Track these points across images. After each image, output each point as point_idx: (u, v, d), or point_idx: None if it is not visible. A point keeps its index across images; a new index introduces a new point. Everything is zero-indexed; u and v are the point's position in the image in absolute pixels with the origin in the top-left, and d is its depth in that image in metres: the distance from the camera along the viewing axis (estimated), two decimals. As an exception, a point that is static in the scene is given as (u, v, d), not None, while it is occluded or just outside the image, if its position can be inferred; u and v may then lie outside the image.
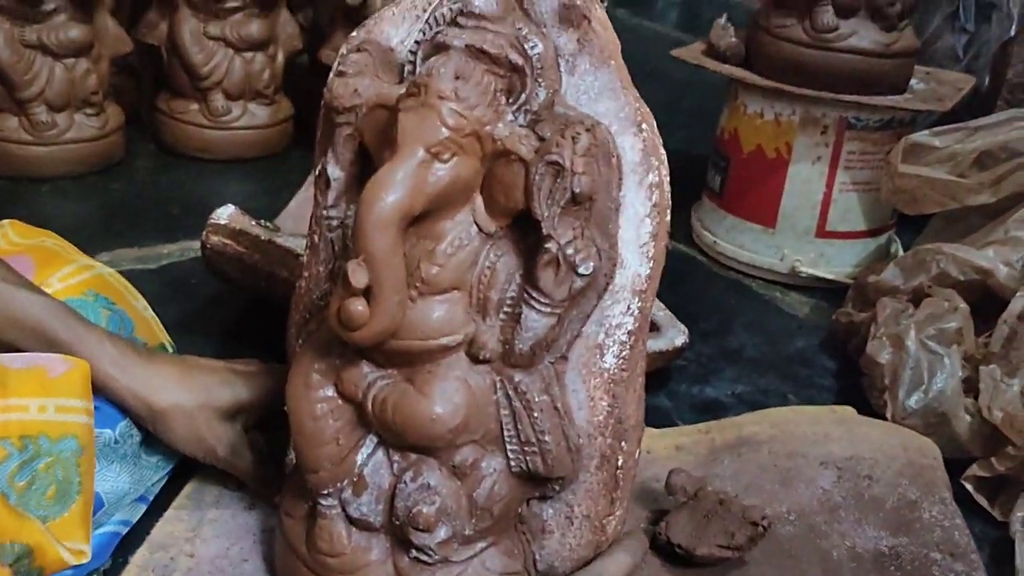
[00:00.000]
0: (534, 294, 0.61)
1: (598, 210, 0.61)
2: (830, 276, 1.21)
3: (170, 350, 0.85)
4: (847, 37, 1.14)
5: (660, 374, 1.00)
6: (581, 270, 0.61)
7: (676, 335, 0.99)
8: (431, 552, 0.64)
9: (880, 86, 1.16)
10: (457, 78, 0.59)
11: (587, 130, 0.60)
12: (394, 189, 0.57)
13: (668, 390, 1.01)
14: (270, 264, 0.93)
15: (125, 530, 0.75)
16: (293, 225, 1.02)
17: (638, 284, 0.64)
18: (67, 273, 0.81)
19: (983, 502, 0.87)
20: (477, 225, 0.62)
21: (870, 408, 0.96)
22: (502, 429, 0.64)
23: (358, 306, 0.58)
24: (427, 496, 0.63)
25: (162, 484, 0.79)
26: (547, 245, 0.60)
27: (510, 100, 0.61)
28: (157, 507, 0.77)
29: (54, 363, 0.70)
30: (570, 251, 0.60)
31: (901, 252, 1.25)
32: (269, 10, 1.39)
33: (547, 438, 0.63)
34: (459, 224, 0.62)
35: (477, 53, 0.60)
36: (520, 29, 0.61)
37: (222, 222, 0.94)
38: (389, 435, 0.64)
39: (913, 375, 0.92)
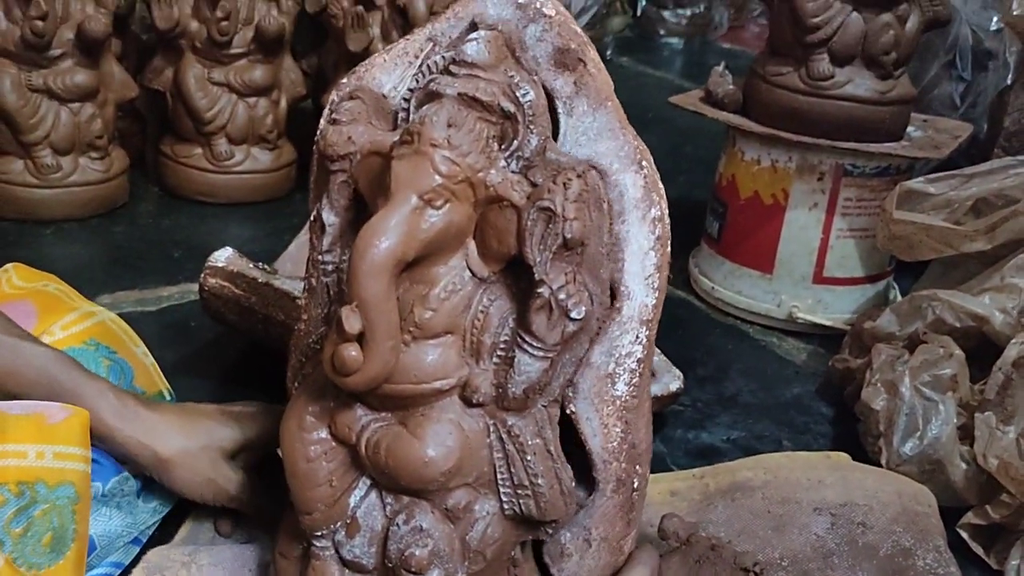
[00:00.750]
0: (527, 338, 0.62)
1: (590, 255, 0.62)
2: (827, 322, 1.22)
3: (168, 397, 0.85)
4: (843, 85, 1.15)
5: (655, 419, 0.99)
6: (573, 314, 0.61)
7: (672, 380, 1.00)
8: (423, 595, 0.64)
9: (876, 133, 1.17)
10: (450, 126, 0.60)
11: (578, 176, 0.61)
12: (387, 236, 0.58)
13: (663, 435, 1.01)
14: (267, 307, 0.94)
15: (117, 572, 0.75)
16: (292, 268, 1.03)
17: (645, 314, 0.66)
18: (69, 321, 0.82)
19: (979, 550, 0.87)
20: (470, 270, 0.63)
21: (865, 455, 0.96)
22: (495, 472, 0.64)
23: (351, 351, 0.58)
24: (420, 539, 0.63)
25: (156, 526, 0.80)
26: (539, 290, 0.60)
27: (503, 146, 0.62)
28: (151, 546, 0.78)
29: (53, 410, 0.71)
30: (562, 296, 0.61)
31: (899, 298, 1.25)
32: (273, 57, 1.41)
33: (540, 481, 0.64)
34: (452, 269, 0.63)
35: (470, 101, 0.61)
36: (512, 77, 0.62)
37: (220, 264, 0.95)
38: (382, 478, 0.64)
39: (908, 422, 0.92)
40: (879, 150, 1.16)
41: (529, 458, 0.63)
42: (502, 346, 0.63)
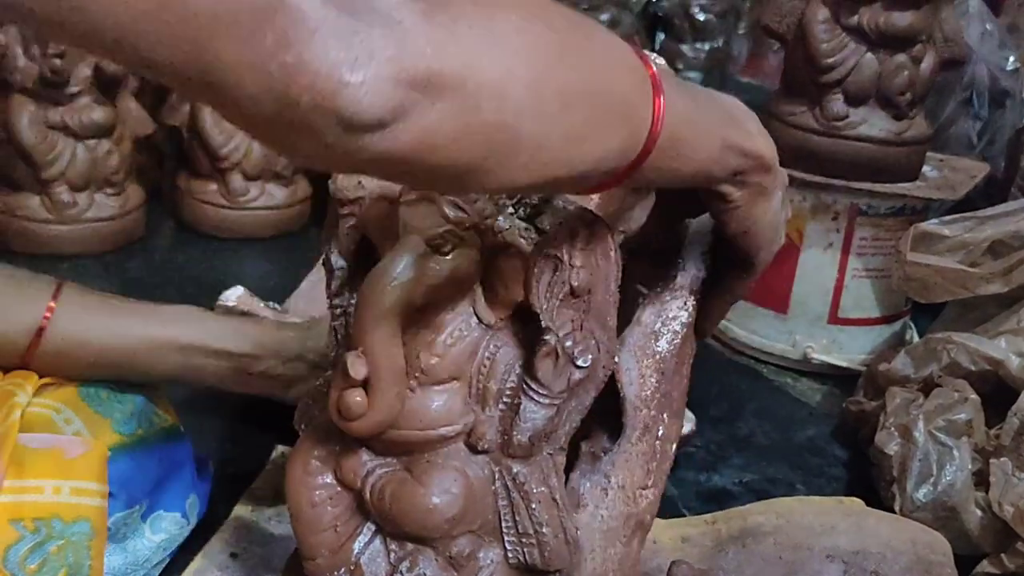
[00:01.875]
0: (533, 385, 0.61)
1: (597, 303, 0.62)
2: (843, 363, 1.21)
3: (181, 430, 0.85)
4: (857, 125, 1.15)
5: (667, 461, 1.00)
6: (580, 362, 0.61)
7: (684, 424, 0.99)
8: (427, 645, 0.63)
9: (891, 173, 1.16)
10: (458, 172, 0.60)
11: (586, 225, 0.61)
12: (394, 281, 0.58)
13: (675, 477, 1.00)
14: (278, 345, 0.94)
15: (124, 613, 0.75)
16: (304, 306, 1.04)
17: (695, 285, 0.70)
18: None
19: (994, 600, 0.86)
20: (477, 316, 0.63)
21: (879, 499, 0.95)
22: (500, 520, 0.63)
23: (356, 397, 0.58)
24: (423, 587, 0.63)
25: (163, 567, 0.79)
26: (546, 337, 0.60)
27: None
28: (159, 590, 0.78)
29: (72, 445, 0.72)
30: (568, 343, 0.60)
31: (916, 339, 1.25)
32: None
33: (545, 530, 0.63)
34: (459, 315, 0.62)
35: (478, 148, 0.61)
36: (521, 124, 0.63)
37: (230, 304, 0.95)
38: (387, 523, 0.64)
39: (922, 467, 0.91)
40: (893, 190, 1.15)
41: (534, 506, 0.63)
42: (508, 393, 0.62)
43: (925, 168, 1.22)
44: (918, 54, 1.16)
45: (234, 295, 0.96)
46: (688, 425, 0.99)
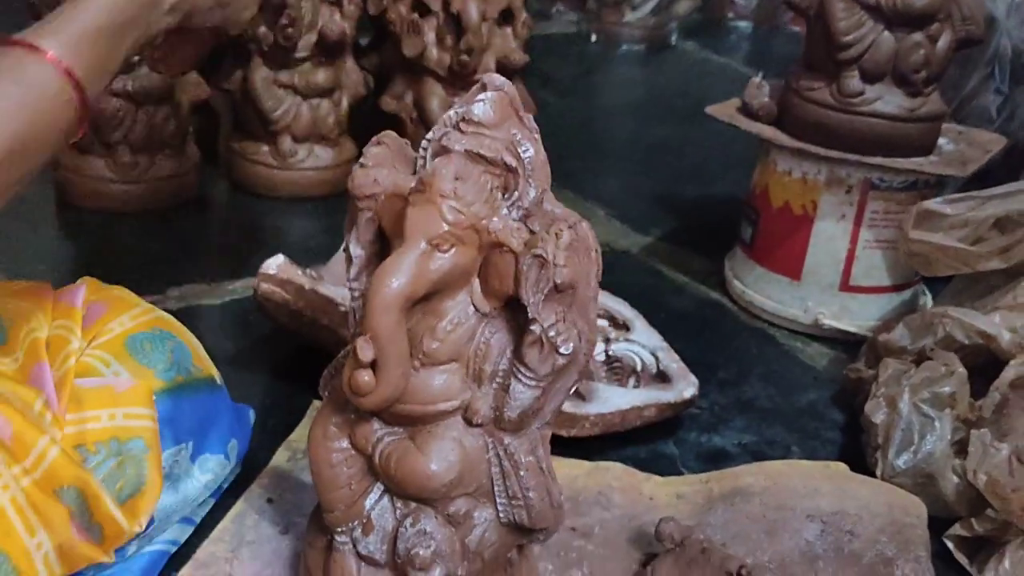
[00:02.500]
0: (521, 369, 0.69)
1: (579, 297, 0.69)
2: (852, 329, 1.27)
3: (218, 382, 0.94)
4: (872, 102, 1.19)
5: (670, 422, 1.07)
6: (562, 350, 0.68)
7: (686, 387, 1.06)
8: (428, 590, 0.73)
9: (905, 149, 1.21)
10: (457, 179, 0.67)
11: (570, 227, 0.67)
12: (398, 276, 0.66)
13: (677, 438, 1.08)
14: (313, 311, 1.03)
15: (173, 549, 0.85)
16: (342, 271, 1.12)
17: None
18: (136, 313, 0.91)
19: (963, 560, 0.93)
20: (474, 305, 0.70)
21: (866, 465, 1.01)
22: (493, 484, 0.72)
23: (365, 377, 0.67)
24: (424, 540, 0.72)
25: (208, 508, 0.90)
26: (532, 327, 0.68)
27: (505, 196, 0.70)
28: (204, 528, 0.88)
29: (120, 382, 0.82)
30: (552, 333, 0.68)
31: (931, 304, 1.30)
32: (335, 59, 1.49)
33: (531, 494, 0.71)
34: (458, 304, 0.70)
35: (475, 156, 0.68)
36: (515, 134, 0.69)
37: (271, 272, 1.04)
38: (392, 485, 0.73)
39: (903, 436, 0.98)
40: (905, 166, 1.20)
41: (523, 473, 0.71)
42: (500, 374, 0.70)
43: (942, 141, 1.26)
44: (935, 33, 1.19)
45: (275, 264, 1.05)
46: (690, 390, 1.07)
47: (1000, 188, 1.13)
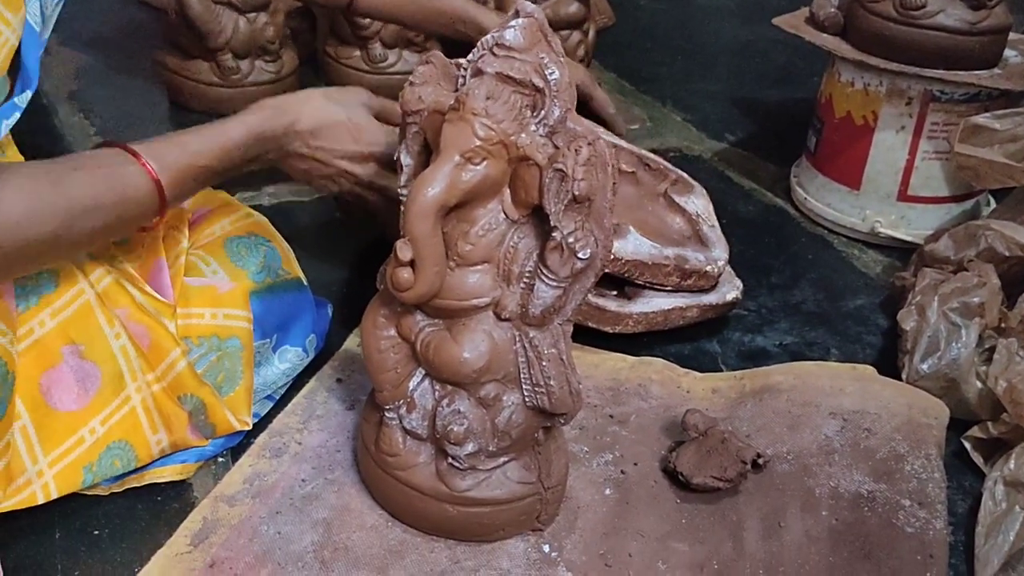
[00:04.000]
0: (544, 271, 0.77)
1: (596, 208, 0.76)
2: (909, 238, 1.30)
3: (304, 283, 1.04)
4: (934, 15, 1.21)
5: (716, 322, 1.14)
6: (580, 255, 0.76)
7: (729, 290, 1.13)
8: (461, 461, 0.83)
9: (967, 62, 1.22)
10: (488, 98, 0.75)
11: (588, 144, 0.75)
12: (434, 186, 0.74)
13: (721, 337, 1.15)
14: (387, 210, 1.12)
15: (255, 420, 0.97)
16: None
17: None
18: (236, 218, 1.02)
19: (979, 460, 0.98)
20: (504, 213, 0.78)
21: (897, 370, 1.07)
22: (519, 373, 0.81)
23: (404, 274, 0.76)
24: (458, 419, 0.82)
25: (287, 387, 1.01)
26: (554, 234, 0.76)
27: (533, 114, 0.77)
28: (282, 403, 0.99)
29: (222, 283, 0.94)
30: (571, 239, 0.76)
31: (990, 216, 1.32)
32: (422, -31, 1.56)
33: (552, 383, 0.80)
34: (490, 211, 0.79)
35: (505, 78, 0.76)
36: (543, 58, 0.76)
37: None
38: (431, 370, 0.82)
39: (930, 342, 1.02)
40: (965, 79, 1.21)
41: (544, 364, 0.80)
42: (527, 275, 0.79)
43: (1009, 53, 1.27)
44: (1003, -57, 1.19)
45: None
46: (733, 293, 1.13)
47: (1052, 103, 1.14)
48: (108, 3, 1.94)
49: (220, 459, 0.92)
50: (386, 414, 0.86)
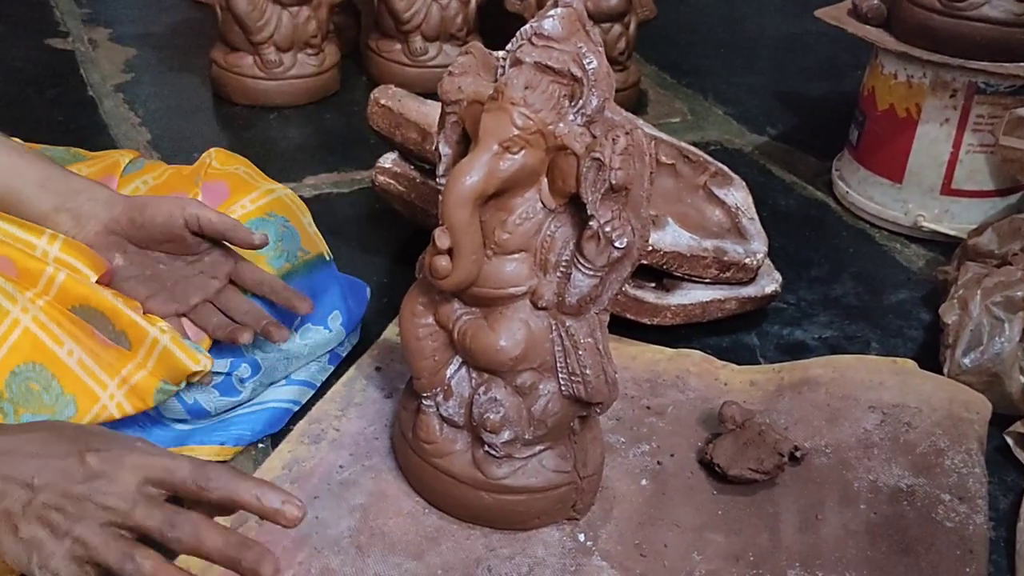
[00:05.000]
0: (580, 260, 0.77)
1: (633, 197, 0.76)
2: (952, 232, 1.29)
3: (328, 259, 1.03)
4: (979, 6, 1.19)
5: (755, 315, 1.14)
6: (617, 244, 0.76)
7: (768, 283, 1.12)
8: (498, 449, 0.83)
9: (1012, 53, 1.20)
10: (527, 88, 0.75)
11: (626, 133, 0.75)
12: (472, 174, 0.75)
13: (760, 330, 1.14)
14: (424, 201, 1.13)
15: (295, 408, 0.98)
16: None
17: None
18: (254, 198, 1.01)
19: (1021, 456, 0.97)
20: (542, 202, 0.79)
21: (938, 364, 1.06)
22: (555, 361, 0.82)
23: (442, 262, 0.77)
24: (494, 407, 0.82)
25: (327, 374, 1.02)
26: (591, 223, 0.76)
27: (571, 104, 0.77)
28: (322, 391, 1.00)
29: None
30: (608, 228, 0.76)
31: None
32: (465, -40, 1.57)
33: (588, 372, 0.80)
34: (527, 200, 0.79)
35: (544, 68, 0.76)
36: (581, 47, 0.76)
37: (386, 165, 1.15)
38: (468, 358, 0.83)
39: (972, 336, 1.01)
40: (1010, 71, 1.20)
41: (581, 352, 0.80)
42: (563, 264, 0.79)
43: (1058, 45, 1.25)
44: (1051, -67, 1.17)
45: (389, 158, 1.15)
46: (772, 286, 1.12)
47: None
48: (161, 2, 1.97)
49: (260, 445, 0.93)
50: (423, 402, 0.86)
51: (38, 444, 0.65)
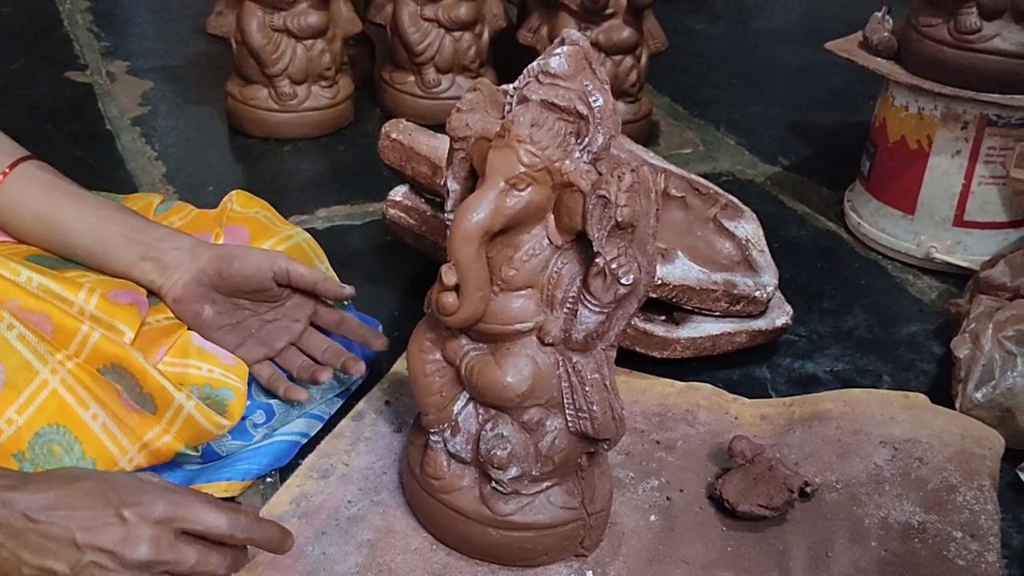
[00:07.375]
0: (587, 296, 0.77)
1: (639, 234, 0.77)
2: (964, 264, 1.28)
3: (345, 303, 1.06)
4: (990, 39, 1.19)
5: (766, 348, 1.14)
6: (623, 280, 0.76)
7: (779, 316, 1.12)
8: (505, 485, 0.83)
9: (1023, 86, 1.20)
10: (533, 125, 0.76)
11: (632, 171, 0.75)
12: (478, 211, 0.75)
13: (771, 363, 1.14)
14: (435, 235, 1.14)
15: (304, 441, 0.98)
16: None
17: None
18: (273, 243, 1.03)
19: (1035, 491, 0.97)
20: (548, 239, 0.79)
21: (950, 398, 1.05)
22: (562, 398, 0.81)
23: (449, 299, 0.77)
24: (501, 443, 0.82)
25: (336, 407, 1.03)
26: (597, 260, 0.76)
27: (577, 141, 0.77)
28: (331, 425, 1.01)
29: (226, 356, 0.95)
30: (614, 265, 0.76)
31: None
32: (478, -6, 1.58)
33: (595, 408, 0.80)
34: (534, 237, 0.79)
35: (550, 106, 0.76)
36: (587, 85, 0.77)
37: (397, 199, 1.15)
38: (475, 394, 0.83)
39: (984, 371, 1.01)
40: (1020, 103, 1.19)
41: (588, 389, 0.80)
42: (570, 301, 0.79)
43: (1071, 77, 1.25)
44: (1061, -33, 1.17)
45: (400, 191, 1.16)
46: (783, 318, 1.12)
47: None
48: (178, 35, 1.99)
49: (268, 479, 0.94)
50: (431, 437, 0.86)
51: (78, 498, 0.69)
